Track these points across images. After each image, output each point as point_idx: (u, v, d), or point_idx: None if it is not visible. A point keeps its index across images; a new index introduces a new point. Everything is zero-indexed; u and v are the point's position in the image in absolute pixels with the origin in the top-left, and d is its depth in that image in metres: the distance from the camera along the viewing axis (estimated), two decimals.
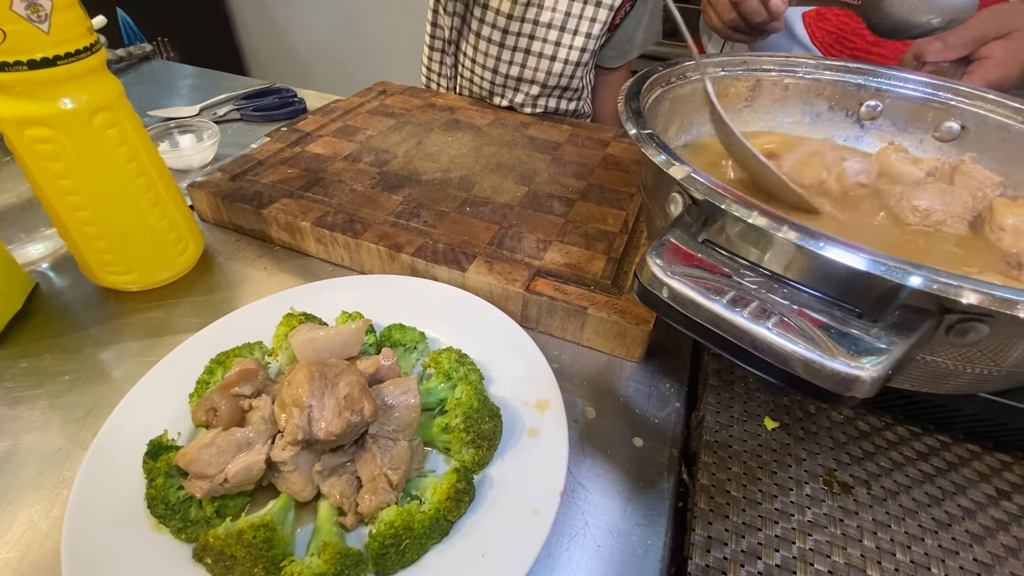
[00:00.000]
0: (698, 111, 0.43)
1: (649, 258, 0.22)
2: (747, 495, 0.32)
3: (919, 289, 0.19)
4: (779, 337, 0.19)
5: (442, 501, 0.30)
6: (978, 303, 0.19)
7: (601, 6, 0.73)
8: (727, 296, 0.20)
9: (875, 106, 0.43)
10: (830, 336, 0.19)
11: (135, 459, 0.31)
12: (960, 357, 0.23)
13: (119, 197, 0.41)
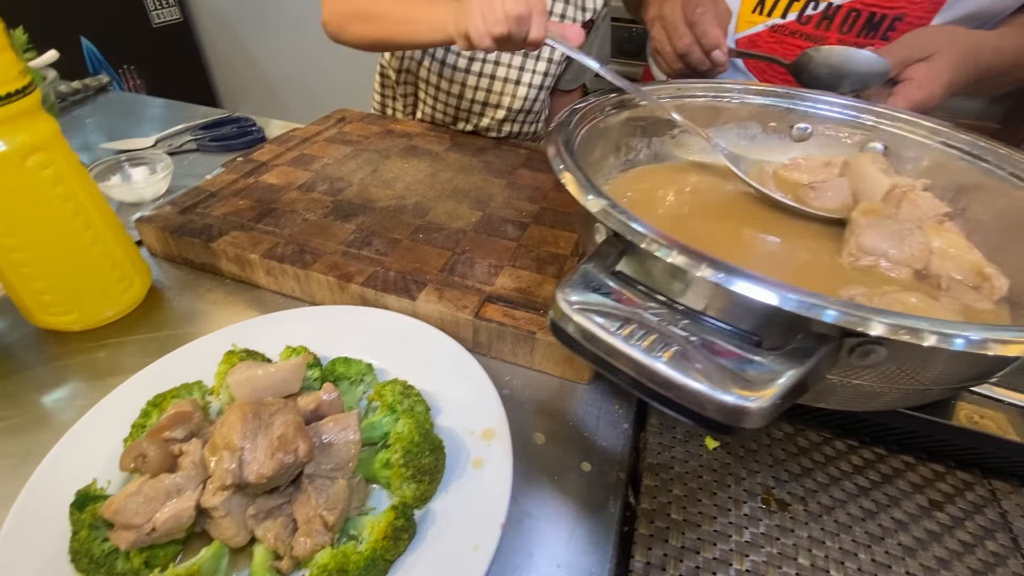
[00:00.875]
0: (636, 137, 0.44)
1: (558, 293, 0.23)
2: (687, 517, 0.32)
3: (820, 320, 0.20)
4: (672, 370, 0.19)
5: (379, 540, 0.29)
6: (867, 331, 0.19)
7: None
8: (626, 330, 0.21)
9: (804, 128, 0.45)
10: (724, 367, 0.20)
11: (63, 510, 0.30)
12: (869, 377, 0.24)
13: (56, 238, 0.41)
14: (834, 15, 0.61)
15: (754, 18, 0.66)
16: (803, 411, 0.37)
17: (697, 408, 0.19)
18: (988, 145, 0.37)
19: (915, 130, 0.40)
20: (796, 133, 0.45)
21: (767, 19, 0.65)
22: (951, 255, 0.33)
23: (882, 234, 0.34)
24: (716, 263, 0.21)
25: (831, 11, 0.61)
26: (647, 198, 0.42)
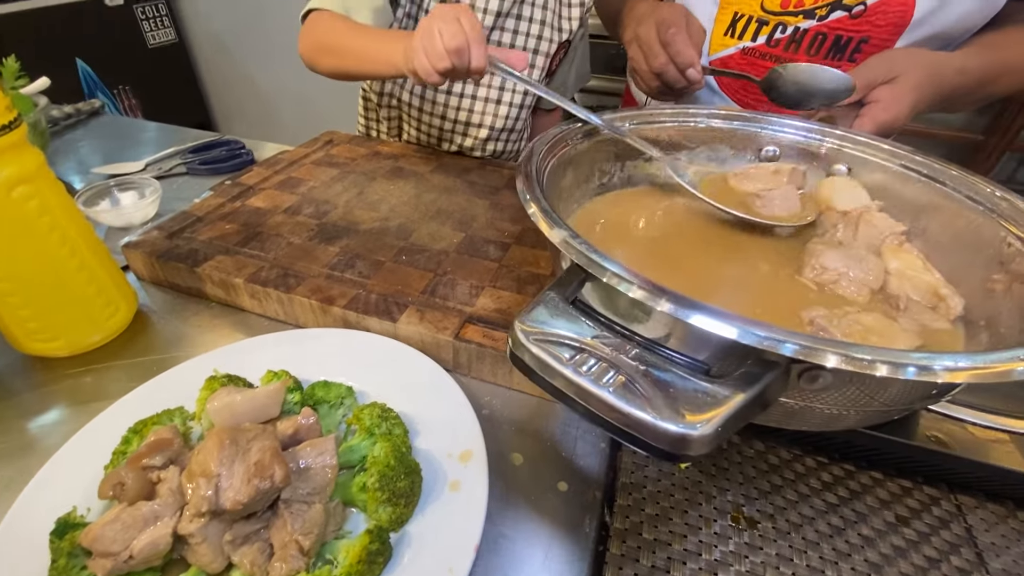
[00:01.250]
0: (610, 161, 0.46)
1: (517, 323, 0.24)
2: (659, 536, 0.33)
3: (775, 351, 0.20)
4: (618, 400, 0.20)
5: (354, 564, 0.30)
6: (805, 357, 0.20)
7: (539, 53, 0.77)
8: (578, 360, 0.22)
9: (773, 151, 0.46)
10: (669, 396, 0.20)
11: (44, 537, 0.31)
12: (821, 400, 0.25)
13: (41, 266, 0.42)
14: (801, 38, 0.63)
15: (726, 41, 0.68)
16: (773, 429, 0.38)
17: (643, 436, 0.20)
18: (943, 167, 0.38)
19: (876, 153, 0.42)
20: (764, 155, 0.47)
21: (738, 42, 0.67)
22: (908, 276, 0.34)
23: (842, 256, 0.35)
24: (675, 297, 0.22)
25: (798, 35, 0.63)
26: (621, 222, 0.43)
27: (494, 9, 0.73)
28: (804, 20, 0.63)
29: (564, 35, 0.78)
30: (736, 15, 0.67)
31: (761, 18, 0.65)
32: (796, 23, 0.64)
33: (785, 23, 0.64)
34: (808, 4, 0.62)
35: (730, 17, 0.67)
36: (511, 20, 0.75)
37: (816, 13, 0.62)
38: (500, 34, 0.76)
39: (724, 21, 0.68)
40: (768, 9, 0.64)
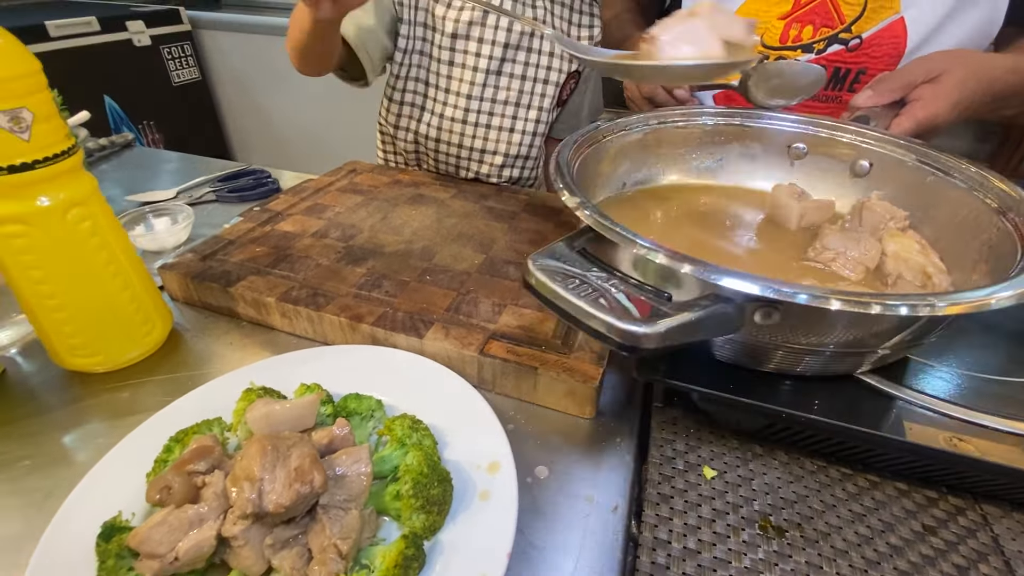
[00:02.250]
0: (642, 156, 0.53)
1: (530, 258, 0.32)
2: (688, 545, 0.33)
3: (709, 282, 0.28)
4: (593, 308, 0.28)
5: (390, 569, 0.30)
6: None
7: (548, 83, 0.81)
8: (569, 284, 0.30)
9: (802, 148, 0.51)
10: (630, 308, 0.29)
11: (89, 543, 0.32)
12: (777, 335, 0.32)
13: (89, 284, 0.44)
14: None
15: (730, 76, 0.72)
16: (796, 439, 0.38)
17: (609, 334, 0.28)
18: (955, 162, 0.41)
19: (895, 149, 0.44)
20: (794, 152, 0.52)
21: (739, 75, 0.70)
22: (903, 257, 0.36)
23: (843, 238, 0.38)
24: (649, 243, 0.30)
25: None
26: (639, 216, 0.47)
27: (502, 41, 0.77)
28: (803, 54, 0.66)
29: (574, 65, 0.82)
30: None
31: (762, 53, 0.69)
32: (795, 56, 0.67)
33: (784, 57, 0.67)
34: (806, 39, 0.66)
35: None
36: (521, 52, 0.79)
37: (814, 47, 0.65)
38: (512, 66, 0.80)
39: None
40: (768, 45, 0.68)
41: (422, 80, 0.83)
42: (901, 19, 0.59)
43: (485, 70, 0.79)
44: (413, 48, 0.81)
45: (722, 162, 0.52)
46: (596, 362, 0.45)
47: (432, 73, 0.82)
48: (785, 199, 0.48)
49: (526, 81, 0.81)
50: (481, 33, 0.77)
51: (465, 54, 0.79)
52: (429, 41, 0.80)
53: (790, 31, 0.66)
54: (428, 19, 0.79)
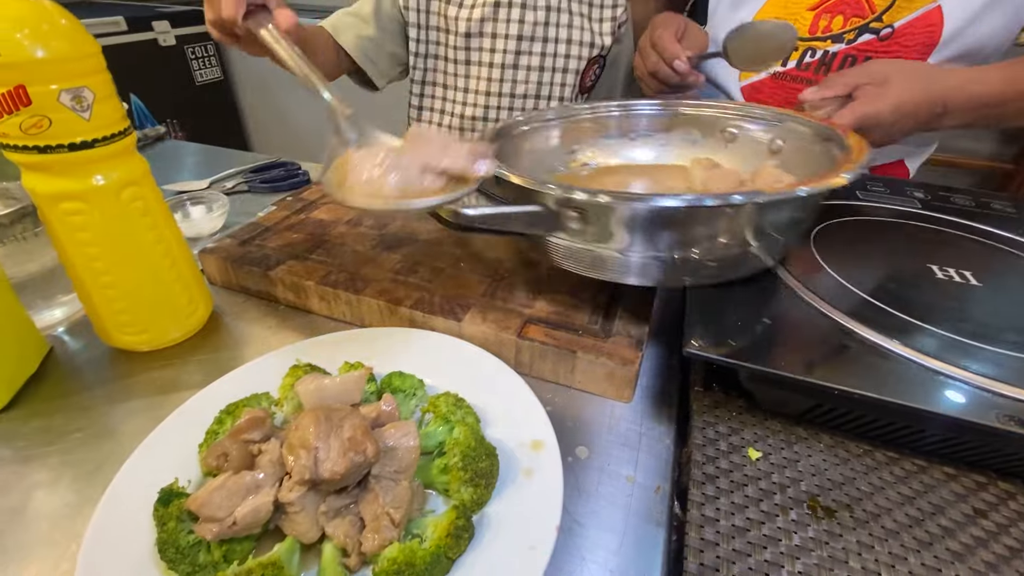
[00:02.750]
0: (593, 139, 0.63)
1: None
2: (736, 523, 0.33)
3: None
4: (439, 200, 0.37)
5: (442, 538, 0.31)
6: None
7: (568, 71, 0.82)
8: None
9: (734, 132, 0.59)
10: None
11: (144, 510, 0.32)
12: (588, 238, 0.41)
13: (140, 263, 0.45)
14: (831, 61, 0.66)
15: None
16: (842, 421, 0.38)
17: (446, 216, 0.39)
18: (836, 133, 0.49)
19: (798, 127, 0.54)
20: (727, 135, 0.59)
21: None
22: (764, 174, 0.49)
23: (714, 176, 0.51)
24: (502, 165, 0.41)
25: (828, 58, 0.67)
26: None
27: (515, 34, 0.78)
28: (833, 44, 0.66)
29: (595, 50, 0.81)
30: None
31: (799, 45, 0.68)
32: (825, 47, 0.67)
33: (814, 48, 0.67)
34: (836, 29, 0.65)
35: None
36: (537, 43, 0.79)
37: (844, 37, 0.65)
38: (528, 58, 0.80)
39: None
40: (798, 35, 0.67)
41: (440, 84, 0.84)
42: (938, 8, 0.59)
43: (501, 65, 0.80)
44: (427, 52, 0.82)
45: (667, 146, 0.62)
46: (634, 346, 0.45)
47: (449, 75, 0.83)
48: (693, 169, 0.55)
49: (544, 72, 0.81)
50: (494, 28, 0.78)
51: (480, 51, 0.80)
52: (443, 44, 0.81)
53: (820, 21, 0.66)
54: (440, 22, 0.80)
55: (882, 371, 0.34)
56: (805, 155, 0.51)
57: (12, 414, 0.43)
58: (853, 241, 0.51)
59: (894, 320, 0.39)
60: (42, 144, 0.38)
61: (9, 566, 0.33)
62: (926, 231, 0.53)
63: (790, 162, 0.53)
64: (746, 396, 0.42)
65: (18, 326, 0.45)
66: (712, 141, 0.60)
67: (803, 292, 0.41)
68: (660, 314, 0.58)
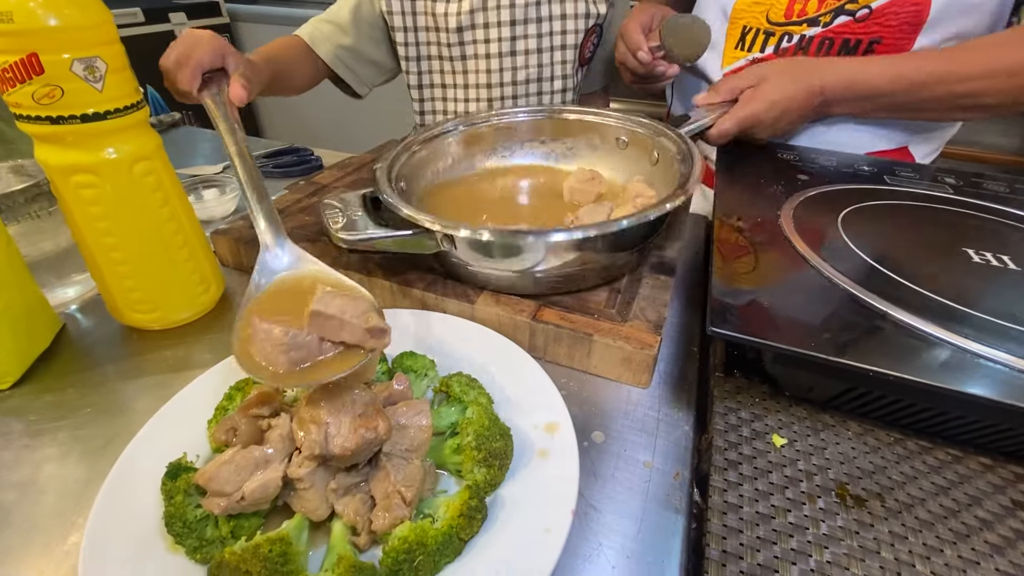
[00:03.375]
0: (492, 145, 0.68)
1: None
2: (760, 511, 0.32)
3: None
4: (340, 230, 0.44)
5: (455, 518, 0.30)
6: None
7: (566, 48, 0.81)
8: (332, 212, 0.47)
9: (624, 141, 0.64)
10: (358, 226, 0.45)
11: (152, 484, 0.32)
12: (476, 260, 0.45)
13: (151, 238, 0.44)
14: (808, 45, 0.65)
15: (737, 53, 0.71)
16: (873, 407, 0.37)
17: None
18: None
19: (666, 141, 0.58)
20: (620, 143, 0.65)
21: (748, 54, 0.70)
22: (629, 188, 0.55)
23: (589, 210, 0.55)
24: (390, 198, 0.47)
25: (804, 42, 0.65)
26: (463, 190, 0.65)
27: (508, 20, 0.76)
28: (809, 28, 0.64)
29: (591, 20, 0.80)
30: (745, 28, 0.69)
31: (767, 30, 0.68)
32: (801, 31, 0.65)
33: (791, 32, 0.66)
34: (811, 12, 0.64)
35: (739, 31, 0.70)
36: (532, 25, 0.78)
37: (820, 20, 0.64)
38: (525, 42, 0.79)
39: (734, 35, 0.71)
40: (773, 21, 0.67)
41: (438, 84, 0.83)
42: None
43: (498, 54, 0.78)
44: (419, 55, 0.80)
45: (573, 149, 0.68)
46: (653, 330, 0.44)
47: (447, 74, 0.82)
48: (569, 178, 0.62)
49: (543, 53, 0.80)
50: (486, 18, 0.76)
51: (475, 44, 0.78)
52: (435, 43, 0.80)
53: (795, 5, 0.64)
54: (429, 21, 0.78)
55: (918, 353, 0.33)
56: (669, 171, 0.55)
57: (24, 389, 0.43)
58: (883, 224, 0.49)
59: (928, 301, 0.37)
60: (54, 115, 0.37)
61: (16, 538, 0.32)
62: (959, 215, 0.51)
63: (660, 176, 0.58)
64: (769, 382, 0.41)
65: (30, 302, 0.45)
66: (608, 147, 0.66)
67: (831, 273, 0.40)
68: (680, 300, 0.56)
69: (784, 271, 0.41)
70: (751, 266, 0.41)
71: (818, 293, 0.38)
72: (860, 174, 0.58)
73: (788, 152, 0.64)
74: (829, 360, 0.31)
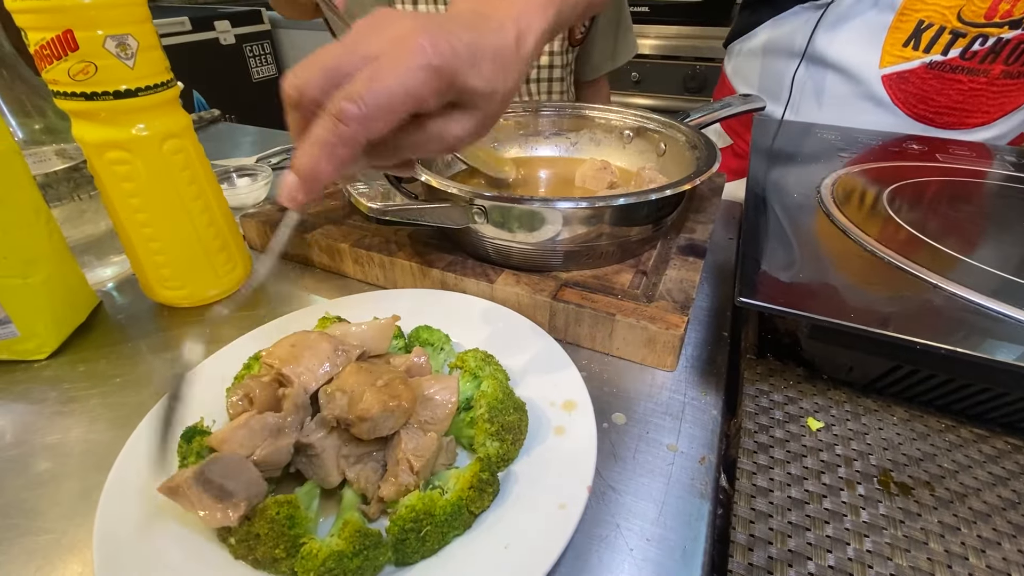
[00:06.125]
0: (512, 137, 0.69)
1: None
2: (792, 495, 0.30)
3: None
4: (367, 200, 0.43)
5: (464, 490, 0.29)
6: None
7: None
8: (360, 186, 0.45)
9: (629, 135, 0.65)
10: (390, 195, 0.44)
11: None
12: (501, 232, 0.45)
13: (180, 215, 0.45)
14: (1001, 49, 0.58)
15: (906, 52, 0.62)
16: (921, 390, 0.34)
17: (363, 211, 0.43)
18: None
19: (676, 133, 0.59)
20: (625, 137, 0.65)
21: (924, 55, 0.61)
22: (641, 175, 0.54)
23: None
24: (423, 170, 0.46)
25: (999, 45, 0.58)
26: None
27: None
28: (1009, 30, 0.57)
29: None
30: (921, 24, 0.60)
31: (957, 29, 0.59)
32: (1000, 34, 0.58)
33: (987, 34, 0.58)
34: (1018, 14, 0.56)
35: (912, 26, 0.61)
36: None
37: (1022, 24, 0.56)
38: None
39: (904, 30, 0.61)
40: (967, 20, 0.58)
41: None
42: None
43: None
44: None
45: (577, 145, 0.68)
46: (679, 311, 0.42)
47: None
48: (580, 167, 0.61)
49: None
50: None
51: None
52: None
53: (1001, 4, 0.56)
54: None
55: (973, 327, 0.30)
56: (681, 160, 0.56)
57: (61, 359, 0.45)
58: (934, 200, 0.45)
59: (986, 275, 0.34)
60: (88, 91, 0.38)
61: (40, 489, 0.34)
62: (1019, 191, 0.47)
63: (671, 165, 0.59)
64: (805, 365, 0.38)
65: (68, 278, 0.47)
66: (612, 141, 0.67)
67: (875, 246, 0.37)
68: (711, 285, 0.54)
69: (821, 243, 0.39)
70: (785, 238, 0.39)
71: (859, 265, 0.36)
72: (909, 152, 0.55)
73: (830, 132, 0.61)
74: (872, 332, 0.29)
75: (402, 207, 0.43)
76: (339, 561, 0.25)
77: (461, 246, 0.50)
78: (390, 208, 0.43)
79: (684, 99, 1.70)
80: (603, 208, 0.43)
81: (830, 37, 0.66)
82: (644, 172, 0.56)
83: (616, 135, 0.66)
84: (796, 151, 0.55)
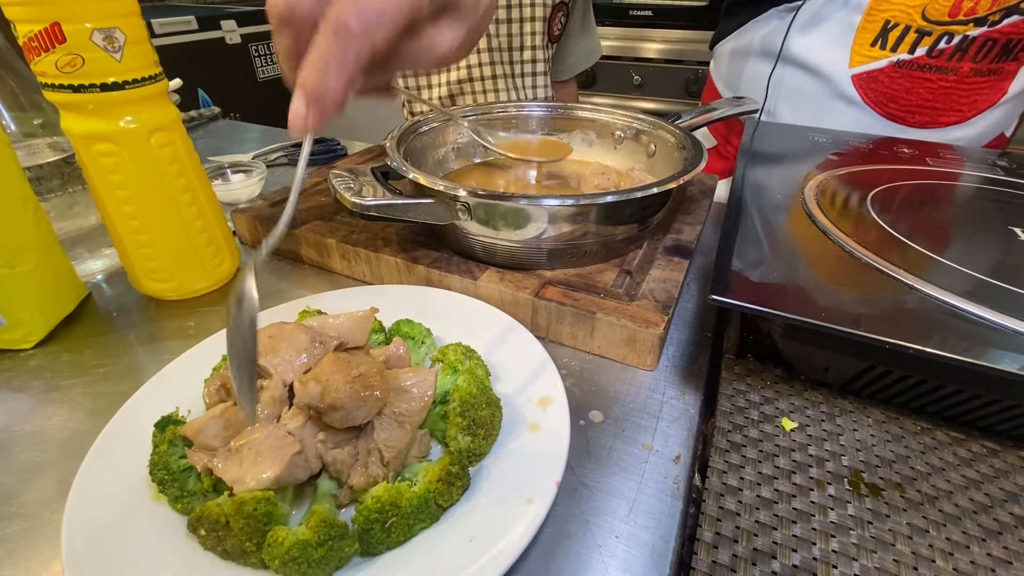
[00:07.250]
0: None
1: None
2: (761, 494, 0.30)
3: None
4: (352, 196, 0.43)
5: (432, 483, 0.29)
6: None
7: (536, 20, 0.86)
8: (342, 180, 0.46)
9: (620, 136, 0.65)
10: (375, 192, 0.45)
11: (146, 436, 0.32)
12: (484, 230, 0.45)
13: (166, 209, 0.46)
14: (968, 46, 0.58)
15: (874, 52, 0.63)
16: (896, 391, 0.34)
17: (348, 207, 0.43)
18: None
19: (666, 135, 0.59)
20: (616, 138, 0.66)
21: (890, 54, 0.62)
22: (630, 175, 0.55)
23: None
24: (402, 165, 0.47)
25: (966, 43, 0.58)
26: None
27: None
28: (974, 28, 0.57)
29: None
30: (888, 24, 0.61)
31: (922, 28, 0.59)
32: (965, 31, 0.58)
33: (952, 32, 0.58)
34: (981, 11, 0.56)
35: (879, 26, 0.61)
36: None
37: (988, 19, 0.56)
38: (496, 11, 0.83)
39: (871, 30, 0.62)
40: (931, 19, 0.58)
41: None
42: None
43: None
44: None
45: (569, 144, 0.68)
46: (660, 310, 0.42)
47: None
48: (577, 167, 0.63)
49: (512, 24, 0.84)
50: None
51: None
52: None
53: (964, 3, 0.57)
54: None
55: (947, 327, 0.30)
56: (669, 160, 0.57)
57: (47, 349, 0.45)
58: (919, 203, 0.45)
59: (963, 277, 0.34)
60: (75, 83, 0.39)
61: (19, 475, 0.34)
62: (1009, 195, 0.46)
63: (659, 166, 0.59)
64: (784, 366, 0.38)
65: (56, 268, 0.47)
66: (604, 142, 0.67)
67: (853, 247, 0.37)
68: (697, 286, 0.54)
69: (799, 243, 0.39)
70: (763, 237, 0.39)
71: (836, 265, 0.35)
72: (900, 155, 0.54)
73: (821, 135, 0.61)
74: (843, 331, 0.29)
75: (386, 203, 0.43)
76: (303, 550, 0.25)
77: (447, 243, 0.50)
78: (374, 204, 0.43)
79: (686, 103, 1.70)
80: (588, 206, 0.43)
81: (802, 38, 0.67)
82: (633, 172, 0.57)
83: (608, 136, 0.67)
84: (784, 153, 0.55)
